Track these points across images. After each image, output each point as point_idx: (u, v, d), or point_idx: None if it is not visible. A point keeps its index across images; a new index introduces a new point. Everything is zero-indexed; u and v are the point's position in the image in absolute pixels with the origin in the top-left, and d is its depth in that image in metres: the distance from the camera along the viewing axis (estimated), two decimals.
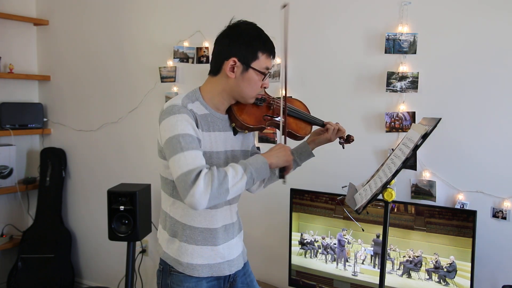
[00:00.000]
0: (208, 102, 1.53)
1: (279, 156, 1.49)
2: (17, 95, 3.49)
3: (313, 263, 2.37)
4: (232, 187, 1.37)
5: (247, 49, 1.48)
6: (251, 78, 1.49)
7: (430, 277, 2.05)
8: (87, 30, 3.35)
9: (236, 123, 1.58)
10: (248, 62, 1.48)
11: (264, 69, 1.51)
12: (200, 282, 1.54)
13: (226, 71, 1.49)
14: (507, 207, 2.06)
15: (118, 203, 2.57)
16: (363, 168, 2.33)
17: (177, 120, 1.41)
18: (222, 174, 1.36)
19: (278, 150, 1.51)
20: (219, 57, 1.52)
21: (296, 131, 1.68)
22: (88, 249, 3.53)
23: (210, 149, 1.51)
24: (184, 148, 1.37)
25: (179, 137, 1.39)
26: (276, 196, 2.59)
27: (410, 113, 2.25)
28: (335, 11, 2.43)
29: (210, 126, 1.52)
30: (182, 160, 1.36)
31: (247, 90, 1.51)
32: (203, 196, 1.32)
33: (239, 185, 1.38)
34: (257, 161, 1.44)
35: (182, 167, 1.35)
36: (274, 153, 1.49)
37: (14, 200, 3.52)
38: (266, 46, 1.52)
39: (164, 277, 1.56)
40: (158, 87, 3.01)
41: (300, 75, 2.54)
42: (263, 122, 1.61)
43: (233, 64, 1.48)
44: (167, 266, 1.56)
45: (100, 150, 3.38)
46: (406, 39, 2.21)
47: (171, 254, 1.55)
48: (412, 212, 2.10)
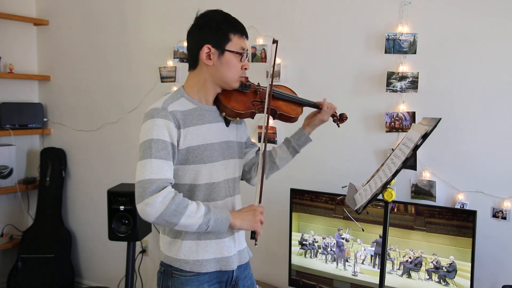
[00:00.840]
0: (193, 97, 1.54)
1: (244, 219, 1.48)
2: (17, 95, 3.49)
3: (313, 263, 2.37)
4: (184, 221, 1.36)
5: (217, 34, 1.49)
6: (229, 61, 1.50)
7: (430, 277, 2.05)
8: (87, 30, 3.35)
9: (226, 112, 1.58)
10: (221, 45, 1.49)
11: (240, 49, 1.52)
12: (202, 285, 1.53)
13: (204, 60, 1.50)
14: (507, 207, 2.06)
15: (118, 203, 2.57)
16: (363, 168, 2.33)
17: (153, 125, 1.42)
18: (182, 204, 1.36)
19: (247, 213, 1.50)
20: (193, 49, 1.53)
21: (288, 112, 1.70)
22: (88, 249, 3.53)
23: (204, 141, 1.50)
24: (153, 155, 1.38)
25: (151, 142, 1.39)
26: (276, 196, 2.59)
27: (410, 113, 2.25)
28: (335, 11, 2.43)
29: (200, 119, 1.51)
30: (147, 166, 1.36)
31: (228, 73, 1.52)
32: (154, 211, 1.32)
33: (191, 223, 1.37)
34: (222, 214, 1.43)
35: (146, 173, 1.35)
36: (242, 215, 1.49)
37: (14, 200, 3.52)
38: (236, 27, 1.53)
39: (165, 279, 1.55)
40: (158, 87, 3.01)
41: (300, 75, 2.54)
42: (253, 107, 1.62)
43: (208, 51, 1.49)
44: (168, 268, 1.54)
45: (100, 150, 3.38)
46: (406, 39, 2.21)
47: (175, 256, 1.53)
48: (412, 212, 2.10)
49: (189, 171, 1.49)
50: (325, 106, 1.75)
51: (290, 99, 1.74)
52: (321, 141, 2.44)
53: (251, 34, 2.68)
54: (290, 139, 1.76)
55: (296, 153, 1.77)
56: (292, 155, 1.77)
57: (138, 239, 2.64)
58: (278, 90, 1.72)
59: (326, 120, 1.77)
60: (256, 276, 2.76)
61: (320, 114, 1.75)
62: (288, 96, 1.74)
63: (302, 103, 1.77)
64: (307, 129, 1.77)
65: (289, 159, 1.78)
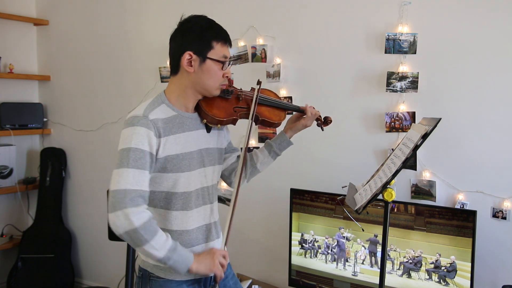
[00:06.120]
0: (174, 103, 1.52)
1: (202, 262, 1.45)
2: (17, 95, 3.49)
3: (313, 263, 2.37)
4: (146, 248, 1.34)
5: (200, 41, 1.48)
6: (210, 69, 1.48)
7: (430, 277, 2.05)
8: (87, 30, 3.35)
9: (207, 119, 1.56)
10: (203, 53, 1.47)
11: (221, 58, 1.50)
12: (181, 285, 1.52)
13: (185, 66, 1.48)
14: (507, 207, 2.06)
15: None
16: (363, 168, 2.33)
17: (133, 133, 1.40)
18: (152, 230, 1.35)
19: (206, 256, 1.48)
20: (175, 54, 1.51)
21: (270, 118, 1.68)
22: (88, 249, 3.53)
23: (182, 150, 1.49)
24: (130, 165, 1.36)
25: (130, 151, 1.38)
26: (276, 196, 2.59)
27: (410, 113, 2.25)
28: (335, 11, 2.43)
29: (180, 127, 1.50)
30: (124, 175, 1.35)
31: (209, 81, 1.50)
32: (123, 226, 1.32)
33: (152, 253, 1.36)
34: (185, 256, 1.41)
35: (121, 183, 1.34)
36: (201, 258, 1.47)
37: (14, 200, 3.52)
38: (219, 34, 1.51)
39: (144, 284, 1.53)
40: (158, 87, 3.01)
41: (300, 75, 2.54)
42: (234, 114, 1.60)
43: (189, 58, 1.47)
44: (146, 272, 1.53)
45: (100, 150, 3.38)
46: (406, 39, 2.21)
47: (150, 261, 1.51)
48: (412, 212, 2.10)
49: (166, 179, 1.48)
50: (309, 112, 1.72)
51: (273, 104, 1.71)
52: (321, 141, 2.45)
53: (251, 34, 2.70)
54: (272, 143, 1.74)
55: (277, 156, 1.76)
56: (273, 158, 1.76)
57: None
58: (262, 96, 1.69)
59: (309, 125, 1.74)
60: (256, 276, 2.76)
61: (303, 120, 1.72)
62: (271, 101, 1.71)
63: (286, 108, 1.75)
64: (288, 133, 1.74)
65: (270, 162, 1.76)
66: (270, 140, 1.76)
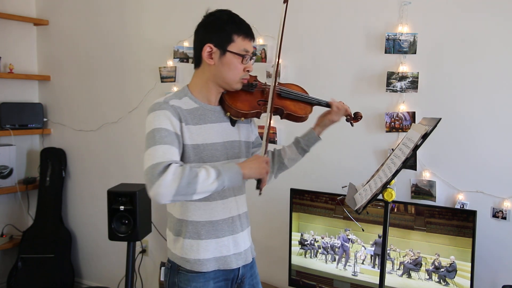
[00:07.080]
0: (197, 96, 1.54)
1: (252, 167, 1.47)
2: (17, 95, 3.49)
3: (313, 263, 2.37)
4: (200, 189, 1.35)
5: (221, 34, 1.49)
6: (230, 62, 1.50)
7: (430, 277, 2.05)
8: (87, 30, 3.35)
9: (230, 112, 1.57)
10: (223, 46, 1.49)
11: (242, 51, 1.50)
12: (208, 282, 1.54)
13: (205, 59, 1.50)
14: (507, 207, 2.06)
15: (118, 203, 2.57)
16: (363, 168, 2.33)
17: (155, 116, 1.43)
18: (192, 174, 1.34)
19: (252, 162, 1.49)
20: (197, 47, 1.53)
21: (295, 112, 1.67)
22: (88, 249, 3.53)
23: (204, 141, 1.50)
24: (157, 142, 1.37)
25: (154, 131, 1.40)
26: (276, 196, 2.59)
27: (410, 113, 2.25)
28: (335, 11, 2.43)
29: (201, 119, 1.51)
30: (152, 153, 1.36)
31: (229, 74, 1.51)
32: (168, 190, 1.30)
33: (207, 189, 1.37)
34: (232, 169, 1.42)
35: (151, 159, 1.34)
36: (248, 163, 1.48)
37: (14, 200, 3.52)
38: (241, 28, 1.52)
39: (172, 275, 1.56)
40: (158, 87, 3.01)
41: (300, 75, 2.54)
42: (258, 107, 1.60)
43: (209, 50, 1.49)
44: (175, 264, 1.56)
45: (100, 150, 3.38)
46: (406, 39, 2.21)
47: (178, 253, 1.55)
48: (412, 212, 2.10)
49: None
50: (335, 106, 1.70)
51: (298, 98, 1.70)
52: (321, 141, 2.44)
53: None
54: (300, 139, 1.74)
55: (305, 152, 1.75)
56: (302, 155, 1.75)
57: (138, 239, 2.64)
58: (286, 89, 1.69)
59: (336, 120, 1.72)
60: None
61: (330, 115, 1.71)
62: (296, 94, 1.70)
63: (311, 102, 1.72)
64: (317, 129, 1.73)
65: (299, 158, 1.76)
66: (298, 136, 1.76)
